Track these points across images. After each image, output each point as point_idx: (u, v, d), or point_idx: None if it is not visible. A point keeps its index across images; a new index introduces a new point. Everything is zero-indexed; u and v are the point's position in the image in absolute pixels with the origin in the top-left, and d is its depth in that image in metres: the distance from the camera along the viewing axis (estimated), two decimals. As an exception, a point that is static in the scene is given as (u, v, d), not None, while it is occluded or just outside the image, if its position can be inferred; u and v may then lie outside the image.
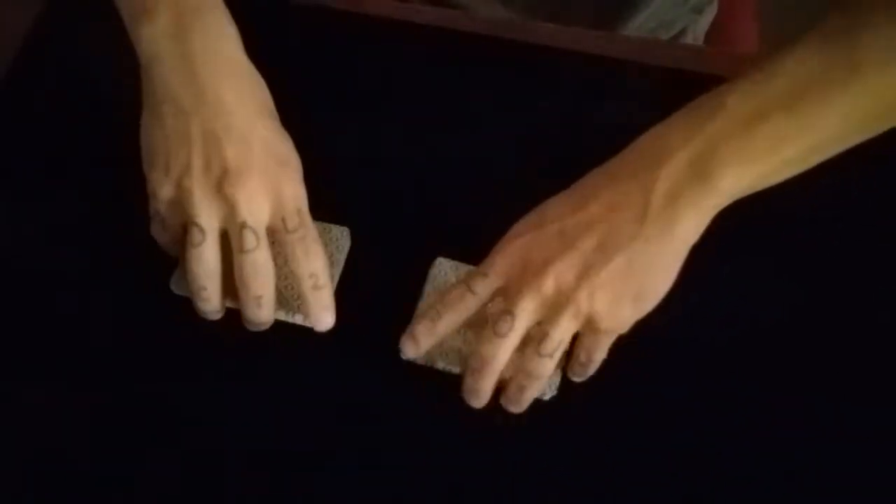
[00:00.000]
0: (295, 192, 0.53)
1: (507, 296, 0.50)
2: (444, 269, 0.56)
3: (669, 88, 0.62)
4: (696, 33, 0.82)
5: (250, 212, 0.51)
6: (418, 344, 0.51)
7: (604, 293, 0.48)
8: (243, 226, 0.51)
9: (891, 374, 0.54)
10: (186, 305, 0.55)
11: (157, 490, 0.52)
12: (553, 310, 0.48)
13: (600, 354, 0.51)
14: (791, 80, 0.45)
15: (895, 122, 0.47)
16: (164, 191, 0.52)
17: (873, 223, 0.58)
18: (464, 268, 0.55)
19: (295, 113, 0.54)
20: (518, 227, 0.50)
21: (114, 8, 0.54)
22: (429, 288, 0.55)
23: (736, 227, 0.57)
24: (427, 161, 0.60)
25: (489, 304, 0.51)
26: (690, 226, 0.47)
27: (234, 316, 0.54)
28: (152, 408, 0.54)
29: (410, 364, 0.53)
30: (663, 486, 0.51)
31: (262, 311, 0.53)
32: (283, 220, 0.52)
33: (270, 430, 0.53)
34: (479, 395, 0.51)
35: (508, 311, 0.48)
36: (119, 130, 0.55)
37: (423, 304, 0.54)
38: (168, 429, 0.53)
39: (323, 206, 0.58)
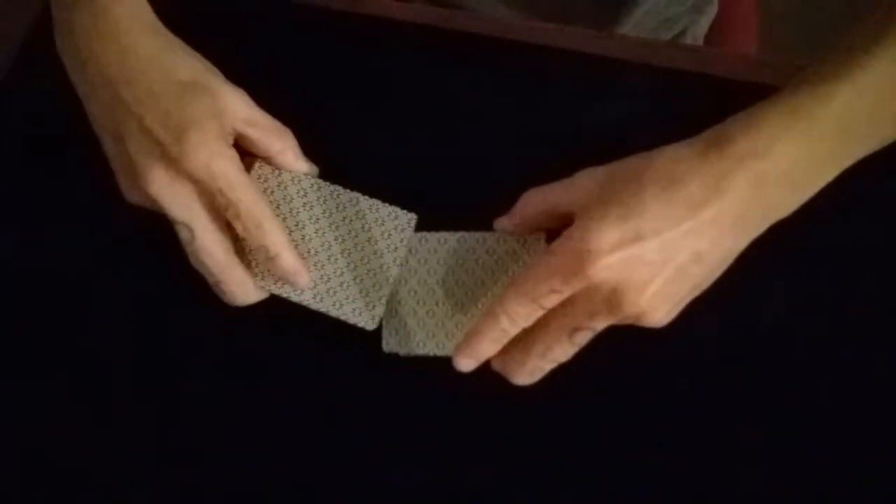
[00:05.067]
0: (208, 168, 0.47)
1: (588, 308, 0.46)
2: (426, 240, 0.55)
3: (669, 88, 0.62)
4: (696, 34, 0.83)
5: (171, 206, 0.48)
6: (480, 360, 0.48)
7: (668, 306, 0.46)
8: (174, 221, 0.49)
9: (890, 371, 0.54)
10: (186, 305, 0.55)
11: (157, 490, 0.52)
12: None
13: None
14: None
15: None
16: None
17: (874, 218, 0.58)
18: (444, 235, 0.55)
19: (295, 113, 0.54)
20: (605, 238, 0.45)
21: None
22: (412, 261, 0.54)
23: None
24: (426, 161, 0.60)
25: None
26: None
27: (234, 316, 0.54)
28: (152, 408, 0.54)
29: (410, 358, 0.53)
30: (662, 481, 0.51)
31: (226, 296, 0.51)
32: (214, 201, 0.49)
33: (271, 430, 0.53)
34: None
35: (591, 328, 0.46)
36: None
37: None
38: (168, 429, 0.53)
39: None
